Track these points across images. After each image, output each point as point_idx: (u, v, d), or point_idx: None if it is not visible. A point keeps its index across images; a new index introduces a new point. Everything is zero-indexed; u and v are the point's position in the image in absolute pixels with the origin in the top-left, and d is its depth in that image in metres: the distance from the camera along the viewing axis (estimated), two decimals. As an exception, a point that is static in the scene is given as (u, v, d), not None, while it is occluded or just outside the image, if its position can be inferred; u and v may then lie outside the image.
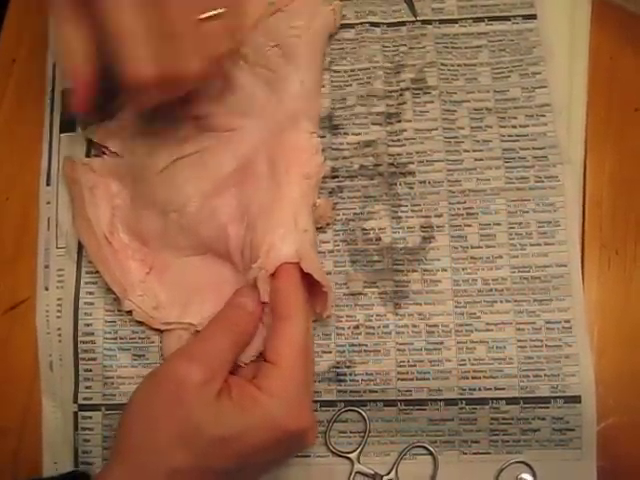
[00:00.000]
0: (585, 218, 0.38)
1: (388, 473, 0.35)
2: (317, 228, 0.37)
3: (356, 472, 0.35)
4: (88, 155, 0.40)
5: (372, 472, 0.35)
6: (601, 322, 0.37)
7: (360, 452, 0.35)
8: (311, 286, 0.34)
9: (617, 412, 0.35)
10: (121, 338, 0.37)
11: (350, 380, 0.36)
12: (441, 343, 0.36)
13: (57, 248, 0.39)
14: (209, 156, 0.37)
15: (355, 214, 0.38)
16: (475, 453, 0.35)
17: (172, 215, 0.36)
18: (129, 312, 0.36)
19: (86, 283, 0.38)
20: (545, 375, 0.36)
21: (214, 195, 0.36)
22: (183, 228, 0.36)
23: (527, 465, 0.35)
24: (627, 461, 0.35)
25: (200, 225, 0.36)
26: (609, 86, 0.40)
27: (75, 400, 0.37)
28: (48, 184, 0.40)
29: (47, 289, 0.39)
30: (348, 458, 0.35)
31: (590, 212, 0.38)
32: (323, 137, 0.39)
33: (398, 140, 0.39)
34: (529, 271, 0.37)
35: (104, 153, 0.39)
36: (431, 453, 0.35)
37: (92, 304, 0.38)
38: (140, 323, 0.37)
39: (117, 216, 0.38)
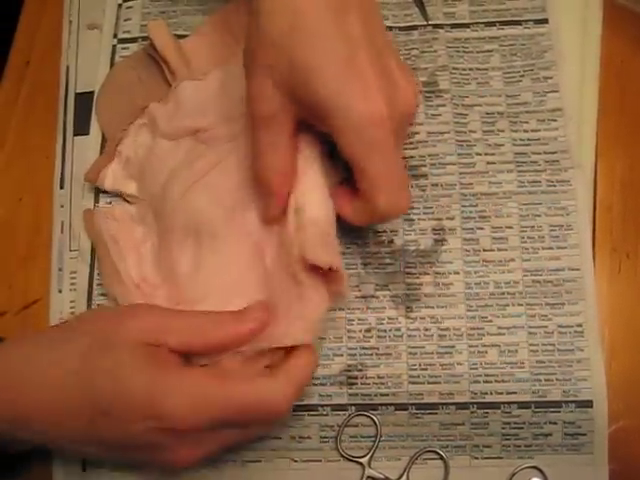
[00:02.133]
0: (596, 222, 0.38)
1: (399, 478, 0.35)
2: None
3: (367, 477, 0.35)
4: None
5: (383, 477, 0.35)
6: (611, 325, 0.36)
7: (371, 457, 0.35)
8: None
9: (628, 415, 0.35)
10: (132, 340, 0.37)
11: (361, 383, 0.36)
12: (453, 347, 0.36)
13: (70, 251, 0.39)
14: (221, 169, 0.36)
15: (367, 216, 0.38)
16: (486, 458, 0.35)
17: (206, 241, 0.35)
18: None
19: (99, 285, 0.38)
20: (557, 379, 0.35)
21: (238, 209, 0.36)
22: (219, 254, 0.35)
23: (539, 470, 0.35)
24: (638, 464, 0.35)
25: (235, 247, 0.35)
26: (620, 90, 0.40)
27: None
28: (62, 187, 0.40)
29: (60, 291, 0.39)
30: (359, 463, 0.35)
31: (601, 216, 0.38)
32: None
33: (410, 143, 0.39)
34: (541, 274, 0.37)
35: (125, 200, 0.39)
36: (442, 458, 0.35)
37: (104, 306, 0.38)
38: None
39: (146, 262, 0.37)
